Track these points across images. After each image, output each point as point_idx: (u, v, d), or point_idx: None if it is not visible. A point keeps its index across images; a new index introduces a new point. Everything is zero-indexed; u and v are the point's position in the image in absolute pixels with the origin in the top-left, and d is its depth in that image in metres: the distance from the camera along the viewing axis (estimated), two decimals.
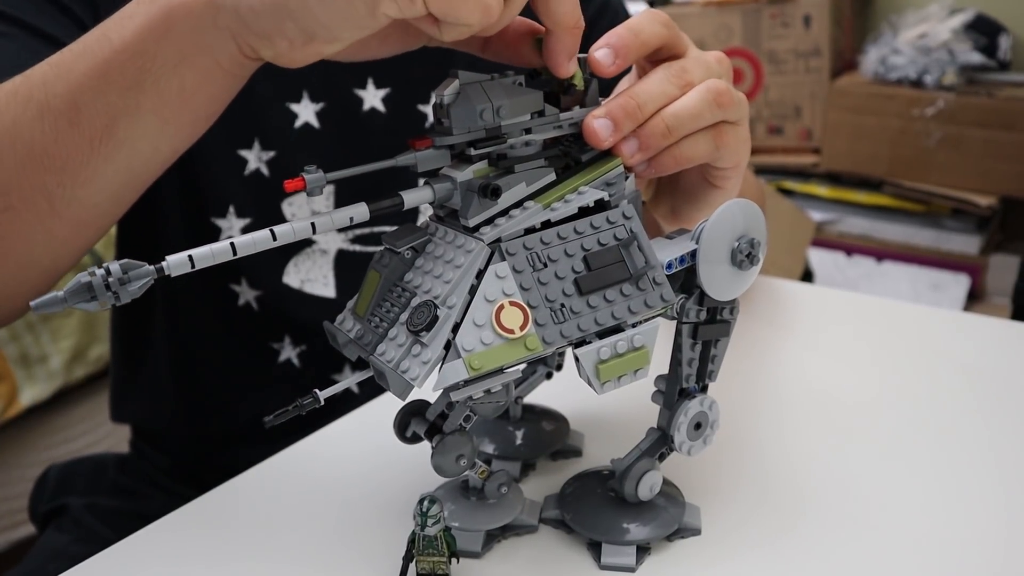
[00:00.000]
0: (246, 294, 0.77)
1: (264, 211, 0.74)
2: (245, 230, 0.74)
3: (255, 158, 0.74)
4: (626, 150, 0.47)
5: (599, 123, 0.47)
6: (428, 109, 0.76)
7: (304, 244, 0.75)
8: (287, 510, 0.54)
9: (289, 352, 0.78)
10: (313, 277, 0.76)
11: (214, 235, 0.74)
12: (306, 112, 0.74)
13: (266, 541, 0.52)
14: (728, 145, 0.50)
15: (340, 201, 0.75)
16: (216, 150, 0.73)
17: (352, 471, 0.58)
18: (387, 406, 0.66)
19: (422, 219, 0.77)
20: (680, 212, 0.57)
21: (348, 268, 0.77)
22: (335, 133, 0.75)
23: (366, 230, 0.76)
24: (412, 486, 0.54)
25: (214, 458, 0.81)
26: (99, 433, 1.42)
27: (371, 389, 0.75)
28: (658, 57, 0.50)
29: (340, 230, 0.75)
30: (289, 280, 0.76)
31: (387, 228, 0.76)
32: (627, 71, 0.53)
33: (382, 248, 0.46)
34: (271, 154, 0.74)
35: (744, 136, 0.52)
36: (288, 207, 0.74)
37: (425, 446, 0.45)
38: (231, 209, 0.74)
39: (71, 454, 1.40)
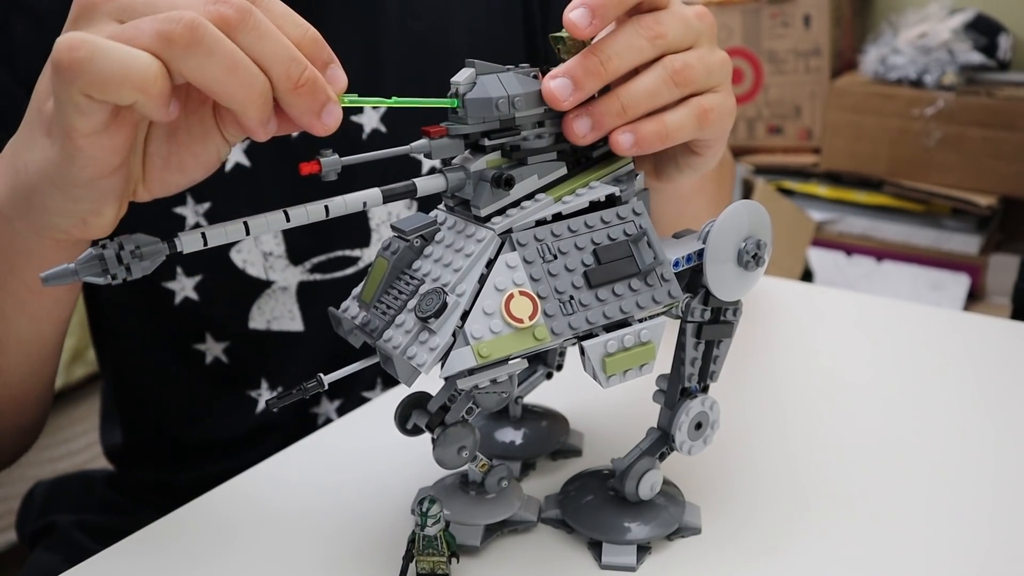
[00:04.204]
0: (213, 350, 0.75)
1: (213, 264, 0.72)
2: (197, 287, 0.73)
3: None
4: (578, 129, 0.44)
5: (556, 83, 0.43)
6: None
7: (263, 286, 0.74)
8: (285, 511, 0.54)
9: (267, 397, 0.77)
10: (279, 314, 0.75)
11: (167, 298, 0.73)
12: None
13: (265, 542, 0.52)
14: (712, 123, 0.47)
15: (291, 239, 0.74)
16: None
17: (350, 471, 0.58)
18: (384, 405, 0.66)
19: (375, 237, 0.76)
20: (663, 173, 0.55)
21: (312, 298, 0.75)
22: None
23: (322, 257, 0.75)
24: (411, 485, 0.54)
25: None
26: (99, 434, 1.41)
27: (349, 408, 0.74)
28: (637, 11, 0.46)
29: (296, 263, 0.74)
30: (255, 324, 0.75)
31: (347, 252, 0.75)
32: None
33: (391, 236, 0.46)
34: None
35: (728, 106, 0.49)
36: (237, 254, 0.73)
37: (425, 445, 0.45)
38: (178, 270, 0.72)
39: (71, 454, 1.41)
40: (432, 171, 0.44)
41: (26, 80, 0.65)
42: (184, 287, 0.73)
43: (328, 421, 0.78)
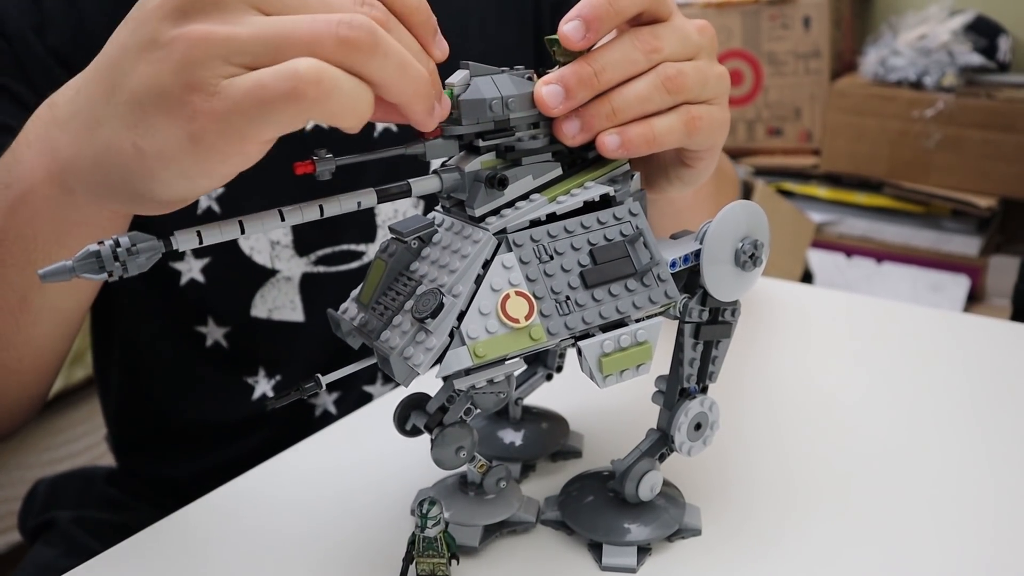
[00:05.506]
0: (214, 334, 0.76)
1: (222, 247, 0.69)
2: (203, 269, 0.73)
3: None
4: (567, 130, 0.44)
5: (548, 90, 0.43)
6: None
7: (268, 275, 0.74)
8: (286, 511, 0.54)
9: (264, 386, 0.77)
10: (281, 304, 0.75)
11: (173, 277, 0.73)
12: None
13: (265, 543, 0.52)
14: (701, 131, 0.47)
15: (298, 230, 0.74)
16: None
17: (351, 471, 0.58)
18: (384, 405, 0.66)
19: (378, 236, 0.76)
20: (653, 184, 0.54)
21: (314, 290, 0.76)
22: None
23: (328, 250, 0.75)
24: (411, 486, 0.54)
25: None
26: (99, 435, 1.42)
27: (348, 407, 0.75)
28: (637, 22, 0.46)
29: (301, 254, 0.75)
30: (257, 312, 0.75)
31: (353, 246, 0.76)
32: None
33: (389, 237, 0.46)
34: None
35: (720, 119, 0.49)
36: (245, 241, 0.73)
37: (425, 446, 0.45)
38: (187, 251, 0.72)
39: (72, 456, 1.41)
40: (429, 171, 0.44)
41: (56, 51, 0.66)
42: (191, 268, 0.73)
43: (325, 413, 0.78)
